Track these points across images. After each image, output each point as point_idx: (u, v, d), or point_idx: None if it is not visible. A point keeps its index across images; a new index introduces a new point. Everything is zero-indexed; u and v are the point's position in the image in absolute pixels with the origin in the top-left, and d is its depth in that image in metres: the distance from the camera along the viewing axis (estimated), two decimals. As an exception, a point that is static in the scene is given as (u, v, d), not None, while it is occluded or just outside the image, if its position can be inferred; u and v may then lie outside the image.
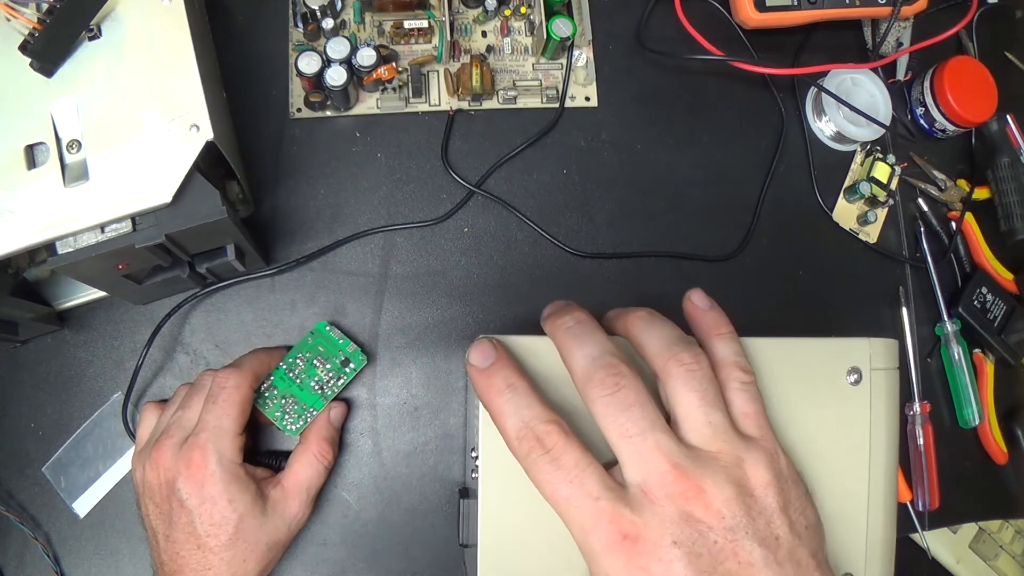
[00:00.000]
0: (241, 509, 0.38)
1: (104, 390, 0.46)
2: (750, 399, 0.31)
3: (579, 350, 0.30)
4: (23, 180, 0.35)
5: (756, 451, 0.29)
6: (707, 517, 0.27)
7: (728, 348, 0.32)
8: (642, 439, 0.28)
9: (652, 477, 0.27)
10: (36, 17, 0.35)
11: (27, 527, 0.44)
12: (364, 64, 0.46)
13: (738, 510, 0.27)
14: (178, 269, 0.41)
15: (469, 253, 0.49)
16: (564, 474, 0.28)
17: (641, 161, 0.52)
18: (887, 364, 0.38)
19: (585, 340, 0.31)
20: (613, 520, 0.27)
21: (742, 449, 0.29)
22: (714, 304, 0.34)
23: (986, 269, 0.55)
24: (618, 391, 0.28)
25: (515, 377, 0.30)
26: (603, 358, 0.29)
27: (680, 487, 0.27)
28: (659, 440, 0.28)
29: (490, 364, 0.31)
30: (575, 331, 0.31)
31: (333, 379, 0.44)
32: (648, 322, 0.32)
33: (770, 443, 0.30)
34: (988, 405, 0.53)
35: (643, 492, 0.27)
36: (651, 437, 0.28)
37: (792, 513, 0.29)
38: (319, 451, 0.42)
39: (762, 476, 0.29)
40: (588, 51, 0.52)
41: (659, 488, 0.27)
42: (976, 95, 0.53)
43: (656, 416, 0.28)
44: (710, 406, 0.29)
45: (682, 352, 0.30)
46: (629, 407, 0.28)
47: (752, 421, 0.30)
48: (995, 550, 0.54)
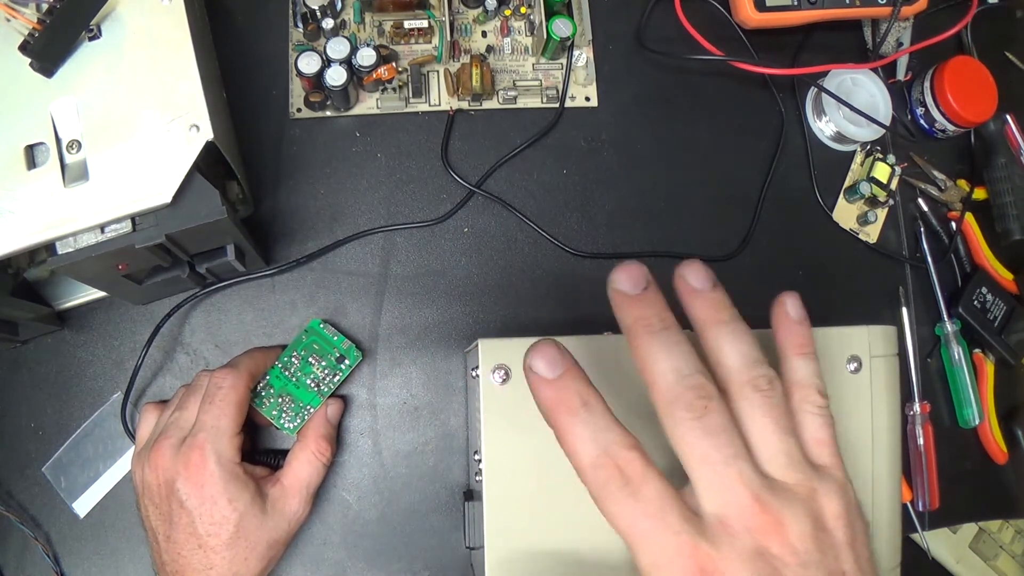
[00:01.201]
0: (241, 508, 0.38)
1: (104, 390, 0.46)
2: (824, 425, 0.29)
3: (666, 361, 0.27)
4: (23, 180, 0.35)
5: (829, 482, 0.28)
6: (783, 553, 0.26)
7: (809, 369, 0.30)
8: (725, 467, 0.26)
9: (732, 509, 0.26)
10: (36, 17, 0.35)
11: (27, 527, 0.44)
12: (364, 64, 0.46)
13: (812, 545, 0.26)
14: (178, 269, 0.42)
15: (469, 253, 0.49)
16: (644, 507, 0.26)
17: (641, 161, 0.52)
18: (886, 351, 0.38)
19: (673, 351, 0.27)
20: (692, 555, 0.25)
21: (816, 480, 0.28)
22: (806, 316, 0.32)
23: (986, 269, 0.55)
24: (706, 415, 0.26)
25: (589, 393, 0.27)
26: (693, 377, 0.27)
27: (760, 521, 0.26)
28: (742, 470, 0.26)
29: (560, 374, 0.27)
30: (663, 339, 0.28)
31: (329, 376, 0.44)
32: (730, 333, 0.29)
33: (841, 472, 0.29)
34: (988, 405, 0.53)
35: (721, 523, 0.26)
36: (735, 466, 0.26)
37: (858, 547, 0.28)
38: (317, 449, 0.42)
39: (834, 508, 0.27)
40: (588, 51, 0.52)
41: (739, 521, 0.26)
42: (976, 95, 0.53)
43: (740, 445, 0.27)
44: (785, 433, 0.28)
45: (759, 376, 0.28)
46: (716, 433, 0.26)
47: (826, 449, 0.29)
48: (995, 550, 0.54)
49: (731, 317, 0.29)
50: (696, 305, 0.30)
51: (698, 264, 0.30)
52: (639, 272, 0.29)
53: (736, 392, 0.28)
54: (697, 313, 0.30)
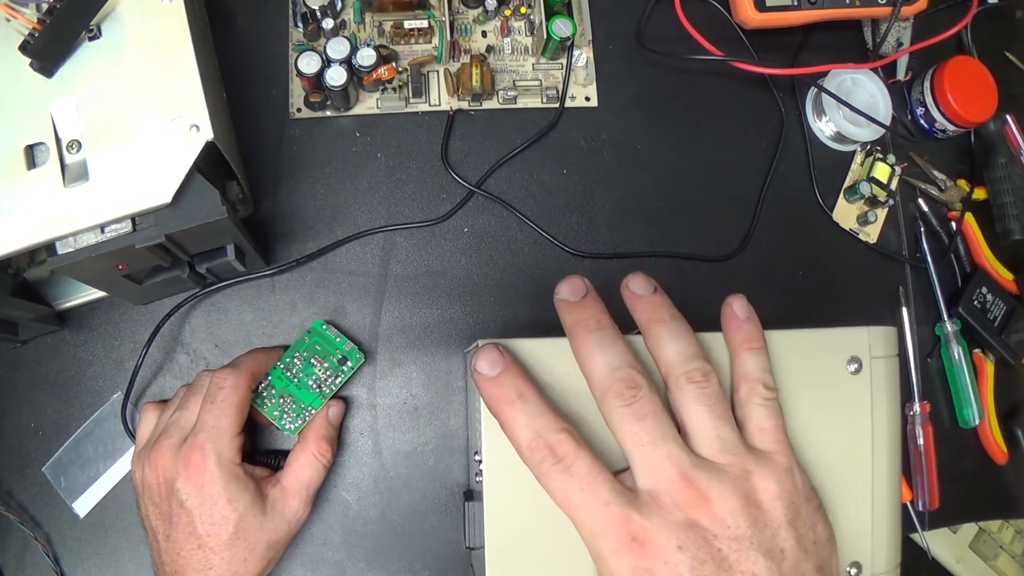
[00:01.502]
0: (241, 508, 0.38)
1: (104, 390, 0.46)
2: (769, 415, 0.32)
3: (600, 357, 0.30)
4: (23, 180, 0.35)
5: (767, 465, 0.30)
6: (712, 526, 0.28)
7: (756, 363, 0.33)
8: (654, 448, 0.29)
9: (661, 484, 0.28)
10: (36, 17, 0.35)
11: (27, 527, 0.44)
12: (364, 64, 0.46)
13: (743, 521, 0.28)
14: (178, 269, 0.41)
15: (469, 253, 0.49)
16: (576, 481, 0.28)
17: (641, 161, 0.52)
18: (886, 352, 0.38)
19: (606, 348, 0.31)
20: (623, 523, 0.28)
21: (751, 463, 0.30)
22: (753, 314, 0.34)
23: (986, 269, 0.55)
24: (634, 402, 0.29)
25: (525, 386, 0.30)
26: (622, 370, 0.30)
27: (687, 495, 0.28)
28: (670, 450, 0.29)
29: (499, 372, 0.31)
30: (597, 338, 0.31)
31: (331, 378, 0.44)
32: (668, 331, 0.32)
33: (784, 458, 0.31)
34: (988, 405, 0.53)
35: (652, 498, 0.28)
36: (663, 446, 0.29)
37: (800, 527, 0.30)
38: (318, 450, 0.42)
39: (771, 489, 0.29)
40: (588, 51, 0.52)
41: (667, 495, 0.28)
42: (976, 95, 0.53)
43: (668, 427, 0.29)
44: (719, 420, 0.30)
45: (694, 369, 0.31)
46: (643, 417, 0.29)
47: (769, 436, 0.31)
48: (995, 550, 0.54)
49: (671, 317, 0.32)
50: (639, 308, 0.33)
51: (640, 274, 0.34)
52: (580, 283, 0.33)
53: (673, 384, 0.31)
54: (640, 315, 0.33)
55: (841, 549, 0.35)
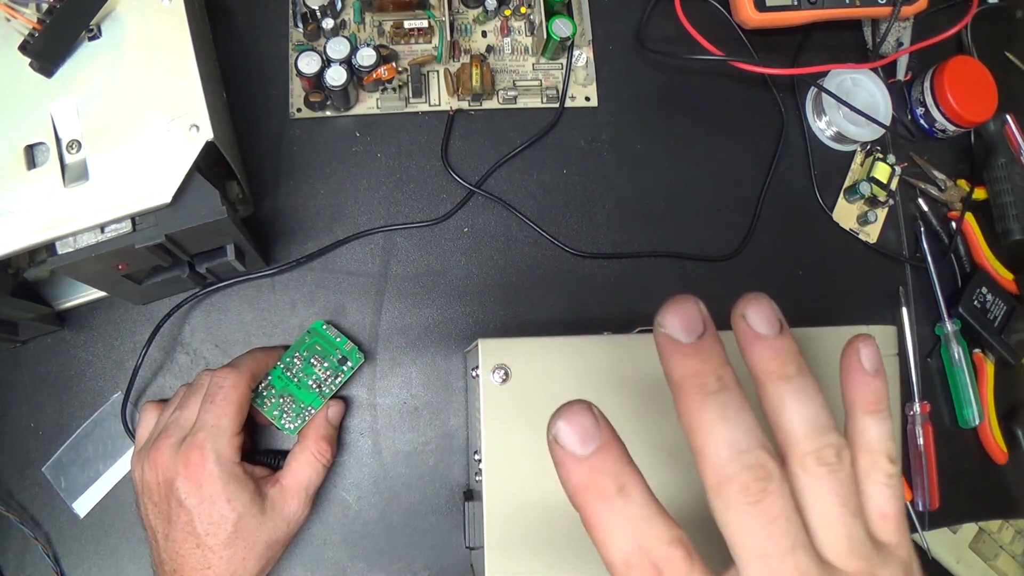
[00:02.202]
0: (240, 508, 0.38)
1: (104, 390, 0.46)
2: (892, 497, 0.26)
3: (723, 433, 0.23)
4: (23, 180, 0.35)
5: (893, 565, 0.24)
6: None
7: (880, 431, 0.26)
8: (780, 561, 0.22)
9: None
10: (36, 17, 0.35)
11: (27, 527, 0.44)
12: (364, 64, 0.46)
13: None
14: (178, 269, 0.42)
15: (469, 253, 0.49)
16: None
17: (641, 161, 0.52)
18: (886, 351, 0.38)
19: (731, 420, 0.23)
20: None
21: (879, 565, 0.24)
22: (882, 368, 0.27)
23: (986, 269, 0.55)
24: (763, 499, 0.22)
25: (628, 474, 0.23)
26: (752, 454, 0.23)
27: None
28: (799, 562, 0.23)
29: (593, 450, 0.23)
30: (719, 404, 0.23)
31: (331, 378, 0.44)
32: (794, 392, 0.25)
33: (906, 552, 0.25)
34: (988, 405, 0.53)
35: None
36: (791, 559, 0.22)
37: None
38: (318, 450, 0.42)
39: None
40: (588, 51, 0.52)
41: None
42: (976, 95, 0.53)
43: (800, 532, 0.23)
44: (851, 516, 0.24)
45: (826, 447, 0.24)
46: (773, 520, 0.23)
47: (892, 526, 0.26)
48: (995, 550, 0.54)
49: (798, 370, 0.25)
50: (758, 353, 0.25)
51: (765, 301, 0.25)
52: (695, 313, 0.24)
53: (797, 463, 0.24)
54: (758, 363, 0.25)
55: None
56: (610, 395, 0.36)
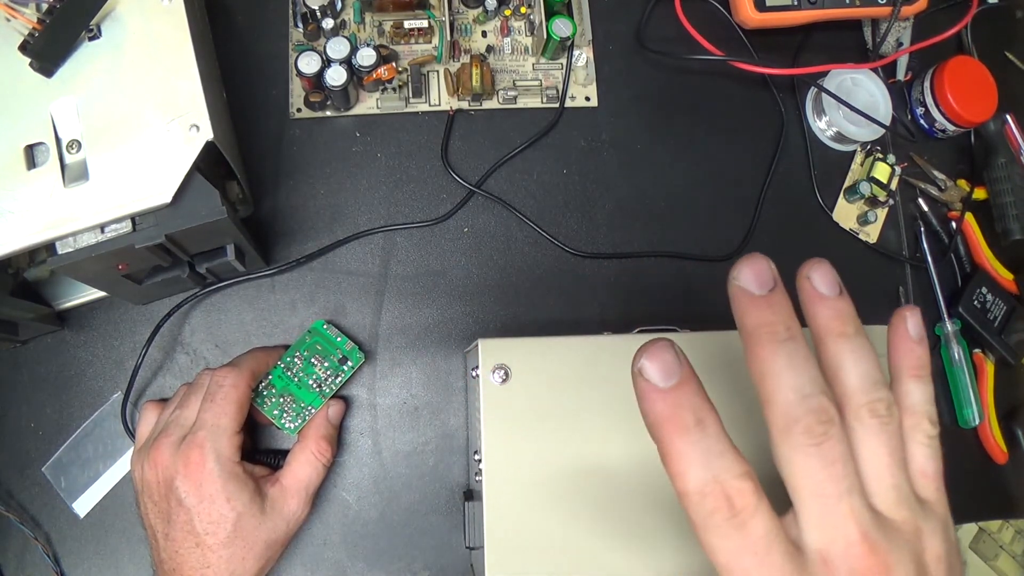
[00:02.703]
0: (239, 507, 0.38)
1: (104, 390, 0.46)
2: (932, 456, 0.28)
3: (790, 378, 0.25)
4: (23, 180, 0.35)
5: (933, 520, 0.27)
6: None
7: (923, 394, 0.28)
8: (837, 502, 0.24)
9: (838, 546, 0.24)
10: (36, 17, 0.35)
11: (27, 527, 0.44)
12: (364, 64, 0.46)
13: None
14: (178, 269, 0.42)
15: (469, 253, 0.49)
16: (750, 544, 0.24)
17: (641, 161, 0.52)
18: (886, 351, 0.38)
19: (798, 368, 0.25)
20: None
21: (921, 518, 0.26)
22: (925, 337, 0.29)
23: (986, 269, 0.55)
24: (825, 442, 0.24)
25: (705, 409, 0.24)
26: (816, 399, 0.24)
27: (866, 564, 0.24)
28: (854, 505, 0.24)
29: (675, 384, 0.24)
30: (788, 352, 0.25)
31: (331, 377, 0.44)
32: (852, 349, 0.26)
33: (943, 509, 0.27)
34: (988, 405, 0.53)
35: (824, 562, 0.24)
36: (847, 501, 0.24)
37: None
38: (318, 449, 0.42)
39: (937, 549, 0.26)
40: (588, 51, 0.52)
41: (843, 560, 0.24)
42: (976, 95, 0.53)
43: (855, 477, 0.25)
44: (898, 467, 0.26)
45: (878, 400, 0.26)
46: (832, 463, 0.24)
47: (931, 483, 0.28)
48: (995, 550, 0.54)
49: (856, 330, 0.27)
50: (819, 312, 0.27)
51: (826, 266, 0.27)
52: (767, 269, 0.26)
53: (852, 414, 0.26)
54: (819, 321, 0.27)
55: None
56: (610, 395, 0.36)
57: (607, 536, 0.35)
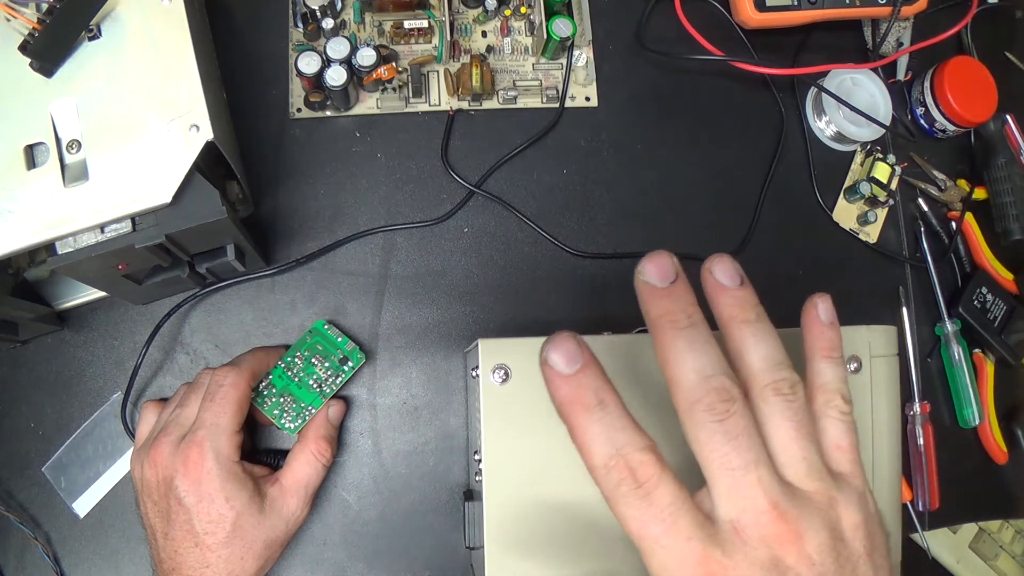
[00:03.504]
0: (238, 507, 0.38)
1: (104, 390, 0.46)
2: (846, 431, 0.29)
3: (691, 361, 0.26)
4: (23, 180, 0.35)
5: (848, 491, 0.27)
6: (798, 564, 0.25)
7: (835, 373, 0.30)
8: (744, 473, 0.25)
9: (748, 515, 0.25)
10: (36, 17, 0.35)
11: (27, 527, 0.44)
12: (364, 64, 0.46)
13: (828, 557, 0.25)
14: (178, 269, 0.42)
15: (469, 253, 0.49)
16: (656, 512, 0.25)
17: (641, 161, 0.52)
18: (886, 351, 0.38)
19: (700, 351, 0.26)
20: (702, 562, 0.25)
21: (834, 488, 0.27)
22: (836, 320, 0.31)
23: (986, 269, 0.55)
24: (728, 418, 0.26)
25: (606, 390, 0.26)
26: (717, 379, 0.26)
27: (776, 530, 0.25)
28: (762, 476, 0.25)
29: (577, 369, 0.26)
30: (689, 336, 0.27)
31: (331, 377, 0.44)
32: (754, 333, 0.28)
33: (860, 481, 0.28)
34: (988, 405, 0.53)
35: (735, 531, 0.25)
36: (754, 472, 0.25)
37: (877, 558, 0.27)
38: (317, 449, 0.42)
39: (853, 519, 0.27)
40: (588, 51, 0.52)
41: (754, 529, 0.25)
42: (976, 95, 0.53)
43: (761, 449, 0.26)
44: (806, 440, 0.27)
45: (782, 380, 0.27)
46: (736, 436, 0.26)
47: (845, 456, 0.28)
48: (995, 550, 0.54)
49: (757, 316, 0.28)
50: (722, 302, 0.29)
51: (727, 259, 0.29)
52: (668, 263, 0.27)
53: (757, 395, 0.27)
54: (722, 310, 0.29)
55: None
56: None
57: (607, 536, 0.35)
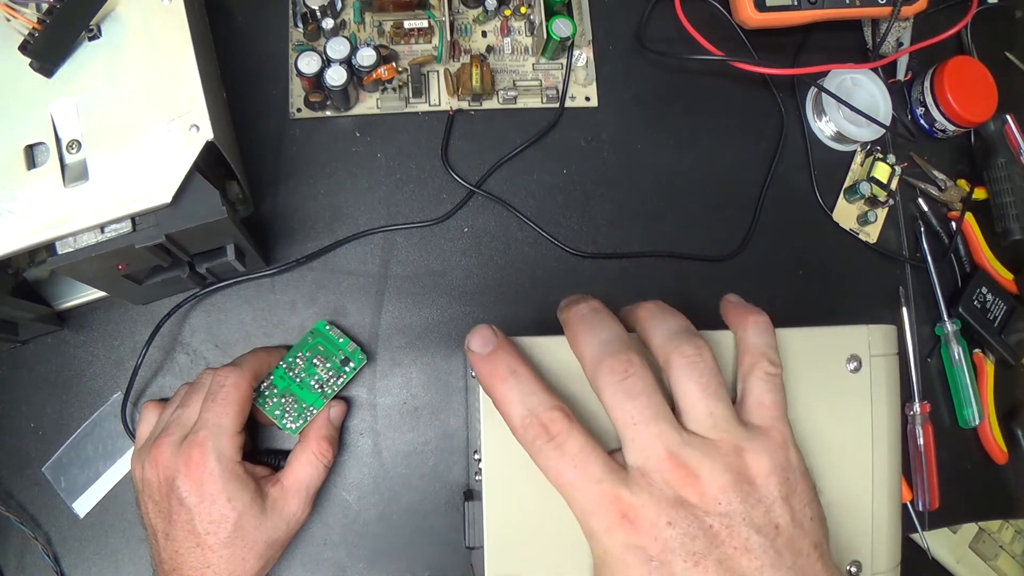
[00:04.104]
0: (240, 507, 0.38)
1: (104, 390, 0.46)
2: (769, 390, 0.31)
3: (591, 336, 0.31)
4: (23, 180, 0.35)
5: (760, 440, 0.30)
6: (702, 502, 0.28)
7: (761, 337, 0.32)
8: (645, 427, 0.28)
9: (651, 462, 0.28)
10: (36, 17, 0.35)
11: (27, 527, 0.44)
12: (364, 64, 0.46)
13: (734, 497, 0.28)
14: (178, 269, 0.41)
15: (469, 253, 0.49)
16: (569, 460, 0.29)
17: (641, 161, 0.52)
18: (886, 350, 0.38)
19: (597, 326, 0.31)
20: (613, 501, 0.28)
21: (744, 439, 0.29)
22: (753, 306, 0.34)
23: (986, 269, 0.55)
24: (627, 378, 0.29)
25: (517, 363, 0.31)
26: (613, 344, 0.30)
27: (676, 474, 0.28)
28: (661, 428, 0.29)
29: (491, 350, 0.31)
30: (589, 319, 0.31)
31: (333, 378, 0.44)
32: (654, 314, 0.32)
33: (779, 434, 0.30)
34: (988, 405, 0.53)
35: (642, 475, 0.28)
36: (654, 426, 0.28)
37: (795, 503, 0.29)
38: (319, 450, 0.42)
39: (763, 465, 0.29)
40: (588, 51, 0.52)
41: (657, 473, 0.28)
42: (976, 95, 0.53)
43: (661, 405, 0.29)
44: (712, 397, 0.30)
45: (684, 344, 0.30)
46: (636, 395, 0.29)
47: (767, 411, 0.31)
48: (995, 550, 0.54)
49: (657, 306, 0.33)
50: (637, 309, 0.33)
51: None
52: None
53: (664, 361, 0.31)
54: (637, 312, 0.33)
55: (841, 547, 0.35)
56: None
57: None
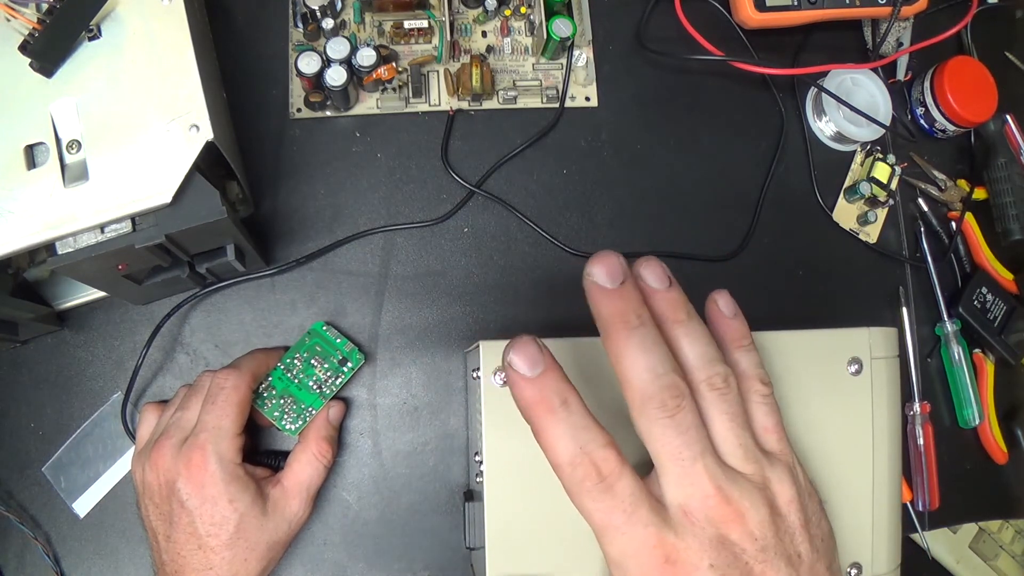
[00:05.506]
0: (241, 509, 0.38)
1: (104, 390, 0.46)
2: (769, 412, 0.31)
3: (643, 361, 0.28)
4: (23, 180, 0.35)
5: (779, 468, 0.30)
6: (742, 540, 0.27)
7: (750, 360, 0.32)
8: (692, 463, 0.28)
9: (695, 500, 0.27)
10: (36, 17, 0.35)
11: (27, 527, 0.44)
12: (364, 64, 0.46)
13: (769, 531, 0.28)
14: (178, 269, 0.41)
15: (469, 253, 0.49)
16: (618, 503, 0.27)
17: (641, 161, 0.52)
18: (887, 353, 0.38)
19: (649, 350, 0.28)
20: (658, 545, 0.27)
21: (767, 467, 0.29)
22: (739, 311, 0.33)
23: (986, 269, 0.55)
24: (678, 413, 0.28)
25: (568, 391, 0.28)
26: (668, 377, 0.28)
27: (722, 511, 0.27)
28: (708, 464, 0.28)
29: (540, 372, 0.28)
30: (641, 336, 0.28)
31: (331, 378, 0.44)
32: (686, 333, 0.30)
33: (788, 457, 0.31)
34: (988, 405, 0.53)
35: (684, 513, 0.27)
36: (701, 461, 0.28)
37: (812, 528, 0.30)
38: (318, 450, 0.42)
39: (787, 493, 0.29)
40: (588, 51, 0.52)
41: (701, 511, 0.27)
42: (976, 95, 0.53)
43: (707, 441, 0.28)
44: (740, 428, 0.29)
45: (715, 375, 0.29)
46: (686, 431, 0.28)
47: (773, 435, 0.31)
48: (995, 550, 0.54)
49: (687, 315, 0.30)
50: (655, 304, 0.30)
51: (654, 262, 0.30)
52: (617, 264, 0.28)
53: (696, 389, 0.29)
54: (657, 311, 0.30)
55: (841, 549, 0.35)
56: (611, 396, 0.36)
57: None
